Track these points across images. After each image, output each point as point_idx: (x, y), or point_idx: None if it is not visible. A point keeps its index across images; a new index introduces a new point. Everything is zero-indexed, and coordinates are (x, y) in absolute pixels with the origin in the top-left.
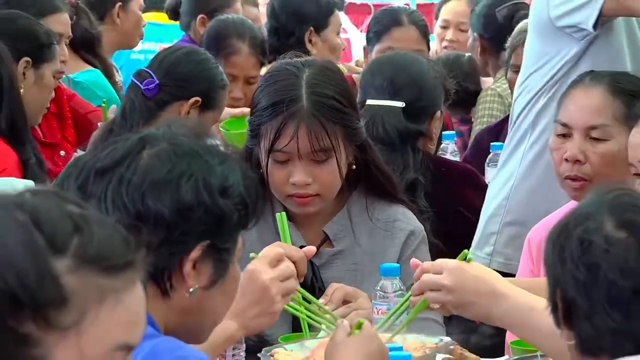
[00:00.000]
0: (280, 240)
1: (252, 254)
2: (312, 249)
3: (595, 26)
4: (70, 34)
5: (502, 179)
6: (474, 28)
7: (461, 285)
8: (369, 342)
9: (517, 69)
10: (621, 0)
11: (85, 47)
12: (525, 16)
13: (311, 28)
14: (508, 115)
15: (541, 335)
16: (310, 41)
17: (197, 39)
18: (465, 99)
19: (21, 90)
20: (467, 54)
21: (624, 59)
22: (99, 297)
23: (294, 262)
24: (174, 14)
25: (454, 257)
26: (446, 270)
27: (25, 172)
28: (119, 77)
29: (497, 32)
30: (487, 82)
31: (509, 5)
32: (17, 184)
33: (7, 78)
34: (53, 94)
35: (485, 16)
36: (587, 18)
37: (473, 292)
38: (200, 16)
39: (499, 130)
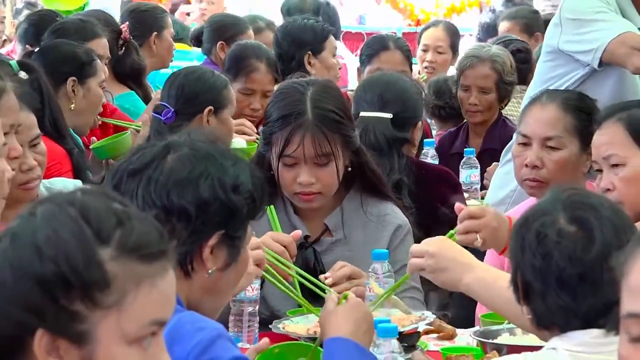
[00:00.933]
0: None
1: None
2: (298, 232)
3: (600, 65)
4: (109, 55)
5: (509, 172)
6: None
7: (440, 252)
8: (355, 309)
9: (466, 88)
10: (615, 55)
11: (133, 77)
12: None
13: (309, 52)
14: (463, 124)
15: (502, 302)
16: (309, 63)
17: (217, 61)
18: (453, 114)
19: (72, 106)
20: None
21: (627, 89)
22: (136, 281)
23: (284, 246)
24: (197, 41)
25: None
26: (432, 240)
27: (71, 160)
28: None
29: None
30: None
31: (502, 41)
32: (68, 184)
33: (45, 86)
34: (104, 100)
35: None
36: (592, 61)
37: (449, 259)
38: (219, 42)
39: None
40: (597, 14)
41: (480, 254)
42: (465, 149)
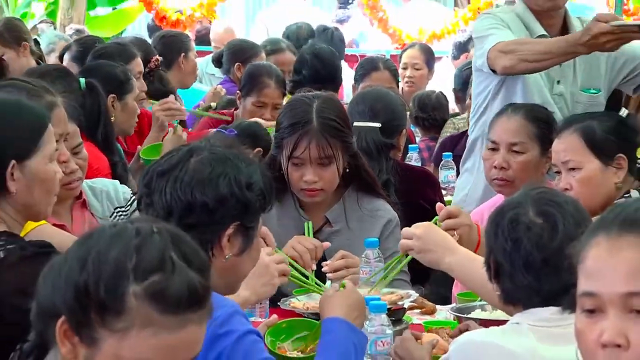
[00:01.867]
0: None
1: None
2: (326, 244)
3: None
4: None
5: (465, 178)
6: (454, 84)
7: (426, 235)
8: (350, 296)
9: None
10: (490, 60)
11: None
12: None
13: None
14: (466, 130)
15: (476, 280)
16: None
17: (234, 79)
18: (434, 124)
19: (112, 118)
20: (437, 91)
21: (532, 92)
22: (144, 324)
23: (309, 249)
24: (218, 63)
25: None
26: (420, 225)
27: (113, 171)
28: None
29: (463, 86)
30: None
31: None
32: (108, 184)
33: (104, 106)
34: (138, 111)
35: (456, 76)
36: (487, 70)
37: (434, 242)
38: (237, 63)
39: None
40: (489, 29)
41: None
42: (443, 153)
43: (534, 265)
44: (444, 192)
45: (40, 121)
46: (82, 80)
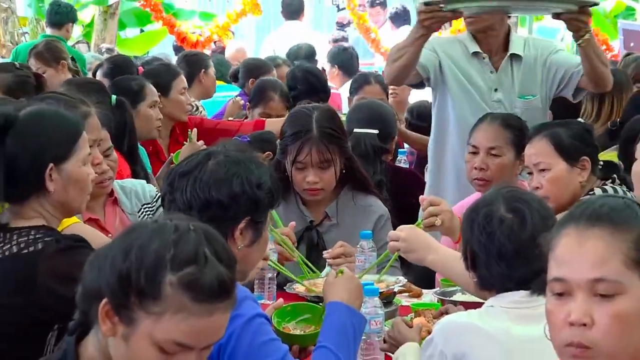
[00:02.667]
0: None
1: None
2: (293, 223)
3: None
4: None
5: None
6: None
7: (409, 237)
8: (349, 281)
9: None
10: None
11: None
12: None
13: None
14: None
15: (455, 274)
16: None
17: (248, 92)
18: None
19: None
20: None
21: (462, 100)
22: (176, 309)
23: (286, 235)
24: (234, 78)
25: None
26: (403, 228)
27: (134, 178)
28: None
29: None
30: None
31: None
32: (136, 183)
33: (130, 120)
34: (159, 115)
35: None
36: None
37: (416, 243)
38: (250, 79)
39: None
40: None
41: None
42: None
43: (506, 255)
44: None
45: (76, 129)
46: (114, 97)
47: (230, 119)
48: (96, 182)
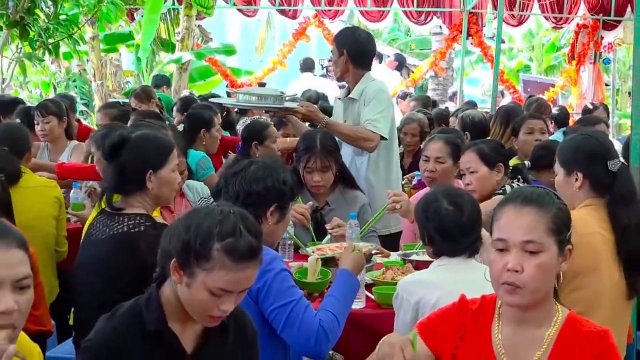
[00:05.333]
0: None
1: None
2: (310, 203)
3: None
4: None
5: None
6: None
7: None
8: (358, 258)
9: (405, 133)
10: None
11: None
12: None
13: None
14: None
15: None
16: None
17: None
18: None
19: (203, 142)
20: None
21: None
22: (220, 266)
23: (306, 209)
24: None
25: None
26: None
27: None
28: None
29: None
30: None
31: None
32: (197, 184)
33: (183, 145)
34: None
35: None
36: None
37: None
38: None
39: None
40: None
41: None
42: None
43: (451, 235)
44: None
45: (169, 146)
46: (182, 126)
47: None
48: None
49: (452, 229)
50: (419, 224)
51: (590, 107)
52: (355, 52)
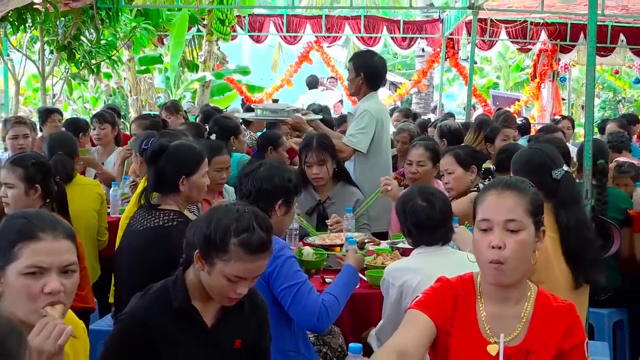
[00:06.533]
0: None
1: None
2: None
3: None
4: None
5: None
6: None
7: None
8: (358, 257)
9: (397, 140)
10: None
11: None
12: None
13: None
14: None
15: None
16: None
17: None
18: None
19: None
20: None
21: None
22: (236, 258)
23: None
24: None
25: None
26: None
27: None
28: None
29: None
30: None
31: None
32: (229, 188)
33: None
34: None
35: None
36: None
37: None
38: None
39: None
40: None
41: None
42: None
43: (427, 228)
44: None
45: (200, 155)
46: (213, 136)
47: None
48: (218, 183)
49: (425, 222)
50: (399, 219)
51: (559, 117)
52: (371, 75)
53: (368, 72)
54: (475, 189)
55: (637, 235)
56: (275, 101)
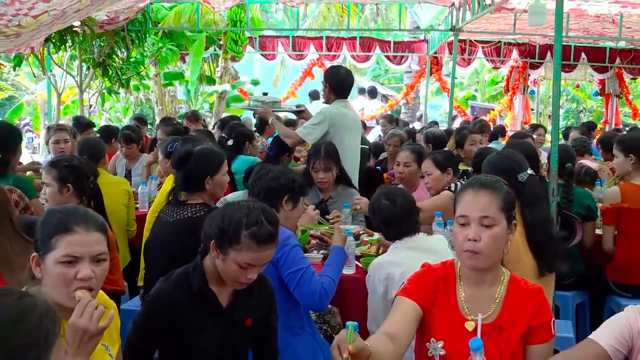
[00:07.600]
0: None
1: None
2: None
3: None
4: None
5: None
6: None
7: (365, 203)
8: (344, 237)
9: (388, 145)
10: None
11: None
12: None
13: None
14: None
15: None
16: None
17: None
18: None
19: (248, 152)
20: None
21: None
22: (247, 248)
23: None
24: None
25: None
26: (363, 200)
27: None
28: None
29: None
30: None
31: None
32: (242, 194)
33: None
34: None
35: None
36: None
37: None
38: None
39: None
40: None
41: None
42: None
43: (392, 223)
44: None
45: (220, 158)
46: (230, 142)
47: None
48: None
49: (390, 218)
50: (370, 218)
51: (536, 124)
52: (335, 85)
53: (332, 83)
54: (447, 188)
55: (605, 228)
56: (265, 94)
